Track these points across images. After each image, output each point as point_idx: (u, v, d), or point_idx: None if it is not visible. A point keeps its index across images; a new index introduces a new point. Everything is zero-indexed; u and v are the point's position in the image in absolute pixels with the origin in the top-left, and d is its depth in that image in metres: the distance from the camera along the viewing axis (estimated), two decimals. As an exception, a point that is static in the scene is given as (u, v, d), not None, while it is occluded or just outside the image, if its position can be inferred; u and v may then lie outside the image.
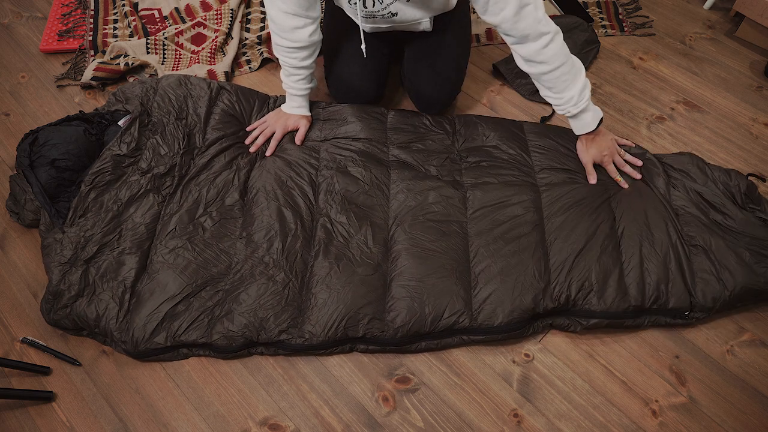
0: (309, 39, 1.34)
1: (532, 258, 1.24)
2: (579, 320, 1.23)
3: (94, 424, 1.15)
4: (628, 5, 1.94)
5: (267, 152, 1.44)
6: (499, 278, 1.22)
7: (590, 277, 1.22)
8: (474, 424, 1.14)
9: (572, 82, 1.27)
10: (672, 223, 1.31)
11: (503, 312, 1.19)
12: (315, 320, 1.19)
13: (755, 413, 1.16)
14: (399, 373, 1.20)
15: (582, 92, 1.28)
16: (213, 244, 1.29)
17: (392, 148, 1.46)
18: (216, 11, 1.87)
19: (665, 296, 1.22)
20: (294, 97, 1.45)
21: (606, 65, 1.78)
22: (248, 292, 1.21)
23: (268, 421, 1.15)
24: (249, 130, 1.49)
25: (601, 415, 1.16)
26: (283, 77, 1.43)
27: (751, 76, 1.74)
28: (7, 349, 1.24)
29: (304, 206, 1.34)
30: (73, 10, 1.91)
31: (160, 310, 1.19)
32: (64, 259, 1.23)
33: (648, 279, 1.23)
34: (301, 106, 1.46)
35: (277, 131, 1.45)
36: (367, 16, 1.36)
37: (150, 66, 1.73)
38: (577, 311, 1.22)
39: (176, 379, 1.20)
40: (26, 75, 1.76)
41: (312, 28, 1.33)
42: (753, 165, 1.53)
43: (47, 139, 1.36)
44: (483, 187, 1.37)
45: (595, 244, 1.26)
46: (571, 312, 1.23)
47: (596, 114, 1.34)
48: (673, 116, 1.65)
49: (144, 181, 1.35)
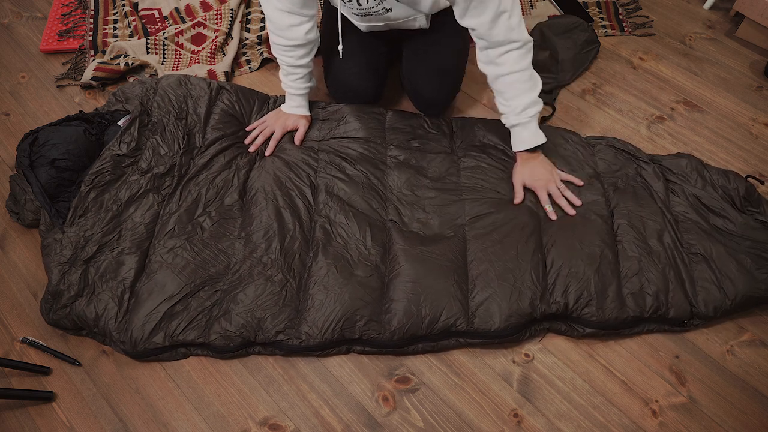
0: (305, 37, 1.34)
1: (529, 263, 1.24)
2: (576, 327, 1.22)
3: (94, 424, 1.15)
4: (628, 5, 1.94)
5: (266, 152, 1.44)
6: (497, 282, 1.22)
7: (589, 287, 1.21)
8: (474, 424, 1.14)
9: (524, 94, 1.27)
10: (671, 231, 1.30)
11: (500, 316, 1.18)
12: (312, 321, 1.18)
13: (755, 413, 1.16)
14: (399, 373, 1.20)
15: (529, 107, 1.28)
16: (212, 244, 1.29)
17: (390, 149, 1.46)
18: (216, 11, 1.87)
19: (665, 306, 1.21)
20: (293, 96, 1.45)
21: (606, 65, 1.78)
22: (246, 293, 1.21)
23: (268, 421, 1.15)
24: (249, 129, 1.49)
25: (601, 415, 1.15)
26: (282, 77, 1.44)
27: (751, 76, 1.74)
28: (7, 349, 1.24)
29: (303, 207, 1.34)
30: (73, 10, 1.91)
31: (159, 310, 1.19)
32: (63, 259, 1.23)
33: (648, 289, 1.22)
34: (301, 105, 1.47)
35: (277, 131, 1.45)
36: (362, 14, 1.36)
37: (150, 66, 1.73)
38: (575, 319, 1.22)
39: (176, 379, 1.20)
40: (26, 75, 1.76)
41: (308, 26, 1.34)
42: (753, 165, 1.53)
43: (47, 139, 1.36)
44: (481, 190, 1.37)
45: (594, 252, 1.25)
46: (570, 319, 1.23)
47: (537, 137, 1.31)
48: (673, 116, 1.65)
49: (144, 180, 1.35)
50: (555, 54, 1.71)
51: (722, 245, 1.28)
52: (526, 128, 1.31)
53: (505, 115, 1.33)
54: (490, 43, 1.23)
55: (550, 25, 1.75)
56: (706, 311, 1.22)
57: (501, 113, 1.34)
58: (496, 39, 1.21)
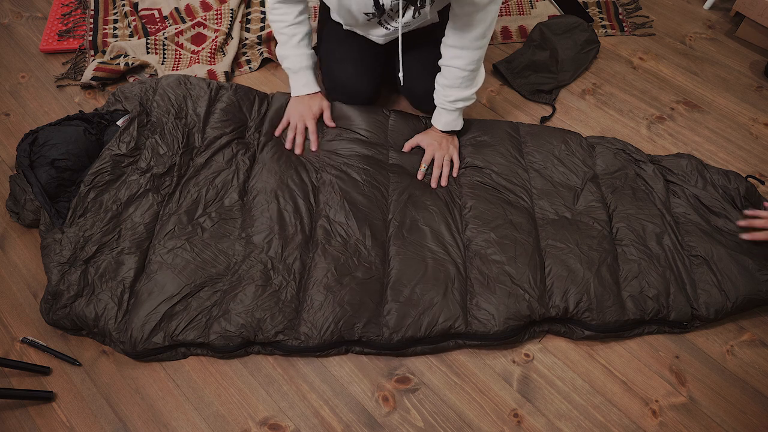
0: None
1: (528, 266, 1.23)
2: (575, 329, 1.22)
3: (94, 424, 1.15)
4: (628, 5, 1.94)
5: (312, 147, 1.42)
6: (495, 285, 1.22)
7: (588, 291, 1.20)
8: (474, 424, 1.14)
9: (463, 89, 1.35)
10: (671, 233, 1.29)
11: (499, 318, 1.18)
12: (311, 322, 1.18)
13: (755, 413, 1.16)
14: (399, 373, 1.20)
15: (459, 101, 1.36)
16: (212, 245, 1.29)
17: (392, 150, 1.46)
18: (216, 11, 1.87)
19: (666, 309, 1.21)
20: (299, 72, 1.42)
21: (606, 65, 1.78)
22: (246, 293, 1.21)
23: (268, 421, 1.15)
24: (278, 135, 1.47)
25: (601, 415, 1.15)
26: (283, 51, 1.42)
27: (751, 76, 1.74)
28: (7, 349, 1.24)
29: (304, 207, 1.34)
30: (73, 10, 1.91)
31: (159, 310, 1.19)
32: (63, 259, 1.23)
33: (648, 292, 1.22)
34: (309, 81, 1.43)
35: (309, 124, 1.43)
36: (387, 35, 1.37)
37: (150, 66, 1.73)
38: (574, 322, 1.22)
39: (176, 379, 1.20)
40: (26, 75, 1.76)
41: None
42: (753, 165, 1.53)
43: (47, 139, 1.36)
44: (480, 192, 1.37)
45: (593, 255, 1.25)
46: (569, 321, 1.23)
47: (455, 124, 1.41)
48: (673, 116, 1.65)
49: (143, 180, 1.35)
50: (555, 54, 1.71)
51: (723, 247, 1.27)
52: (450, 114, 1.40)
53: (437, 96, 1.40)
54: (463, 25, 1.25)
55: (550, 25, 1.75)
56: (707, 314, 1.21)
57: (435, 91, 1.40)
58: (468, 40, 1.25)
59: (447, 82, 1.35)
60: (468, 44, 1.26)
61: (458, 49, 1.28)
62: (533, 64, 1.70)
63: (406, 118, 1.53)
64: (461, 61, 1.29)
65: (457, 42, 1.27)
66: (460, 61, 1.30)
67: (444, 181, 1.39)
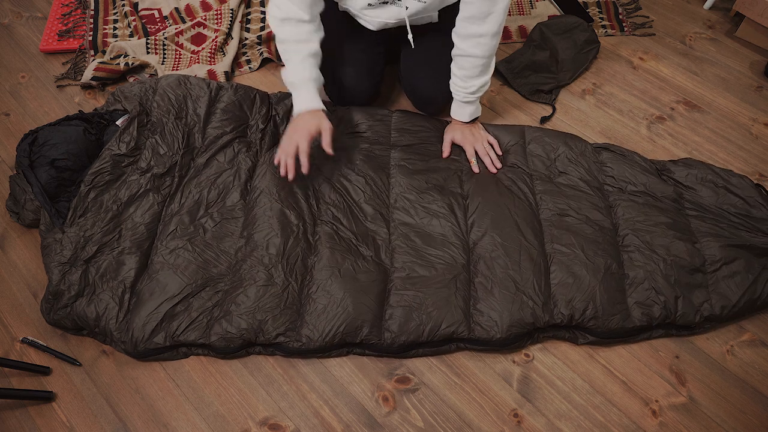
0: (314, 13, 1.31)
1: (532, 272, 1.23)
2: (580, 336, 1.21)
3: (94, 424, 1.15)
4: (628, 5, 1.94)
5: (303, 170, 1.29)
6: (499, 290, 1.21)
7: (594, 299, 1.19)
8: (474, 424, 1.14)
9: (480, 75, 1.36)
10: (679, 240, 1.28)
11: (502, 325, 1.18)
12: (313, 325, 1.18)
13: (755, 413, 1.16)
14: (399, 373, 1.20)
15: (481, 88, 1.38)
16: (213, 245, 1.29)
17: (395, 151, 1.45)
18: (216, 11, 1.87)
19: (673, 315, 1.20)
20: (303, 85, 1.30)
21: (606, 65, 1.78)
22: (247, 294, 1.21)
23: (268, 421, 1.15)
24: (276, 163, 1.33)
25: (601, 415, 1.15)
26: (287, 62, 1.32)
27: (751, 76, 1.74)
28: (7, 349, 1.24)
29: (307, 209, 1.33)
30: (73, 10, 1.91)
31: (160, 310, 1.19)
32: (63, 259, 1.23)
33: (655, 298, 1.21)
34: (313, 98, 1.30)
35: (301, 144, 1.27)
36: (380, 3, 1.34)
37: (150, 66, 1.73)
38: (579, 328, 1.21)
39: (176, 379, 1.20)
40: (26, 75, 1.76)
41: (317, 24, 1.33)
42: (753, 165, 1.53)
43: (47, 139, 1.36)
44: (484, 195, 1.36)
45: (598, 262, 1.24)
46: (573, 327, 1.22)
47: (477, 111, 1.44)
48: (673, 116, 1.65)
49: (143, 180, 1.35)
50: (555, 54, 1.71)
51: (733, 251, 1.26)
52: (472, 105, 1.41)
53: (456, 91, 1.40)
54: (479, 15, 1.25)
55: (550, 25, 1.75)
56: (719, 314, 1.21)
57: (453, 84, 1.39)
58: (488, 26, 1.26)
59: (467, 73, 1.35)
60: (487, 30, 1.27)
61: (477, 37, 1.28)
62: (533, 64, 1.70)
63: (410, 117, 1.53)
64: (481, 49, 1.30)
65: (476, 30, 1.27)
66: (479, 49, 1.30)
67: (498, 163, 1.42)
